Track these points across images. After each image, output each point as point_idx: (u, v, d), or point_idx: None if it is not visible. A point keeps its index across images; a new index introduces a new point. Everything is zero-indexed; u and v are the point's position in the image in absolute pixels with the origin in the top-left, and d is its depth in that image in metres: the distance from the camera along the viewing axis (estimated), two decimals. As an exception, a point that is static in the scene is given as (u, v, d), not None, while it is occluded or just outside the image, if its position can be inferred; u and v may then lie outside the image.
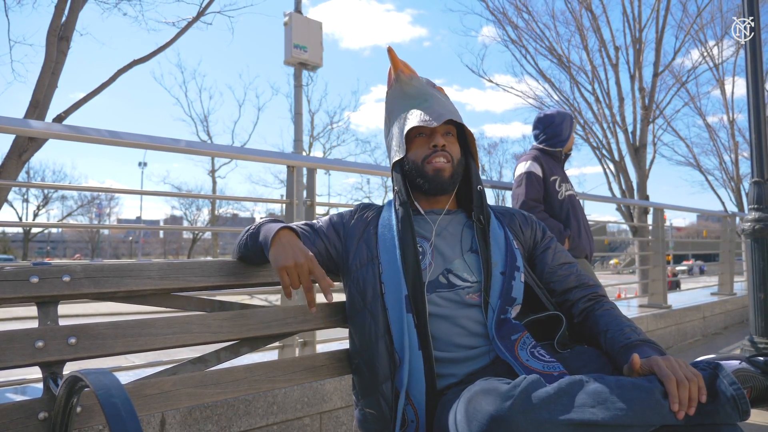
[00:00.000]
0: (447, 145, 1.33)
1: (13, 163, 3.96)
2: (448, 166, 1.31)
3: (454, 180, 1.34)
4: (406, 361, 1.16)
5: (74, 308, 8.56)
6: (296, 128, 9.28)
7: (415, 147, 1.34)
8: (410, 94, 1.37)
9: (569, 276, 1.34)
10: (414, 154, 1.34)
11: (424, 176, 1.32)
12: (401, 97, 1.39)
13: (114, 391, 0.78)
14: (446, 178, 1.31)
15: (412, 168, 1.34)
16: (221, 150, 2.45)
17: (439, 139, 1.32)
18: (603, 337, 1.19)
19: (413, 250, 1.23)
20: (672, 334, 4.39)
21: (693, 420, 0.89)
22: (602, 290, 1.35)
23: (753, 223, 3.12)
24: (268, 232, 1.20)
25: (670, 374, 0.91)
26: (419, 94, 1.37)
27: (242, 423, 1.76)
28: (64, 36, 4.59)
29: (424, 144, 1.33)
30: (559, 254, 1.38)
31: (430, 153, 1.31)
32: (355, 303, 1.28)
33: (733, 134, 18.73)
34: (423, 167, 1.32)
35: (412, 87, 1.37)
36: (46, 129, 1.86)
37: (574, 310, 1.31)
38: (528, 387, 0.86)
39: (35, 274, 1.08)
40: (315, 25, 8.64)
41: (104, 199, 38.30)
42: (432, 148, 1.32)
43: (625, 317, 1.24)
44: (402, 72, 1.37)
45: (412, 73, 1.39)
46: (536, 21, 12.86)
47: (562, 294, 1.33)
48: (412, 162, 1.34)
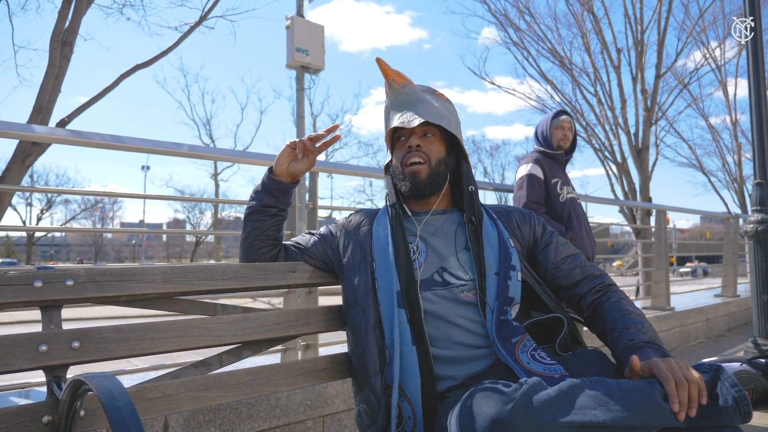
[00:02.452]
0: (424, 145, 1.35)
1: (16, 168, 3.97)
2: (424, 167, 1.33)
3: (432, 180, 1.34)
4: (397, 356, 1.16)
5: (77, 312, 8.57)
6: (298, 131, 9.31)
7: (396, 150, 1.39)
8: (402, 101, 1.39)
9: (574, 269, 1.34)
10: (395, 157, 1.39)
11: (404, 178, 1.35)
12: (393, 105, 1.41)
13: (117, 394, 0.78)
14: (422, 179, 1.33)
15: (395, 170, 1.38)
16: (224, 153, 2.47)
17: (413, 140, 1.35)
18: (609, 336, 1.20)
19: (405, 248, 1.26)
20: (675, 336, 4.38)
21: (694, 422, 0.88)
22: (609, 279, 1.34)
23: (756, 225, 3.11)
24: (262, 177, 1.40)
25: (669, 376, 0.91)
26: (410, 100, 1.39)
27: (245, 426, 1.76)
28: (67, 41, 4.61)
29: (403, 146, 1.37)
30: (562, 248, 1.38)
31: (406, 153, 1.35)
32: (348, 299, 1.31)
33: (735, 135, 18.68)
34: (402, 169, 1.36)
35: (404, 94, 1.39)
36: (50, 134, 1.88)
37: (583, 303, 1.31)
38: (529, 389, 0.87)
39: (39, 278, 1.09)
40: (317, 28, 8.66)
41: (107, 203, 38.44)
42: (407, 148, 1.35)
43: (632, 310, 1.23)
44: (394, 81, 1.39)
45: (405, 81, 1.40)
46: (538, 23, 12.87)
47: (568, 288, 1.33)
48: (394, 165, 1.39)
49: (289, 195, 1.41)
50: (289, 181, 1.40)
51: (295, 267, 1.42)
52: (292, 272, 1.41)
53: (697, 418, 0.88)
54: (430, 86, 1.45)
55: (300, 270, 1.43)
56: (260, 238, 1.39)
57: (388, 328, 1.20)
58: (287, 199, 1.41)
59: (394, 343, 1.18)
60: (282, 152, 1.39)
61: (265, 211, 1.38)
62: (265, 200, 1.38)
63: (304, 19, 8.70)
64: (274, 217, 1.39)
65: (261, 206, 1.38)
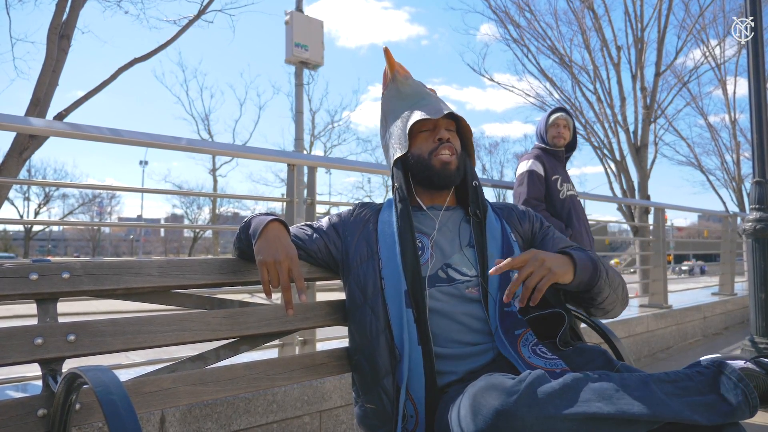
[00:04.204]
0: (450, 138, 1.35)
1: (13, 161, 3.96)
2: (454, 159, 1.34)
3: (460, 172, 1.36)
4: (406, 356, 1.16)
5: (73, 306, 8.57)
6: (297, 127, 9.29)
7: (419, 142, 1.36)
8: (407, 94, 1.38)
9: None
10: (418, 149, 1.35)
11: (431, 169, 1.33)
12: (398, 97, 1.40)
13: (113, 388, 0.78)
14: (453, 170, 1.33)
15: (418, 162, 1.35)
16: (222, 148, 2.46)
17: (444, 132, 1.34)
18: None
19: (412, 246, 1.25)
20: (672, 334, 4.39)
21: (699, 418, 0.86)
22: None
23: (754, 223, 3.11)
24: (258, 224, 1.21)
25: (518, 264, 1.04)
26: (416, 93, 1.38)
27: (242, 421, 1.76)
28: (65, 34, 4.59)
29: (429, 138, 1.35)
30: (558, 240, 1.39)
31: (436, 146, 1.33)
32: (356, 299, 1.28)
33: (734, 134, 18.70)
34: (430, 161, 1.33)
35: (408, 87, 1.39)
36: (47, 126, 1.86)
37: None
38: (533, 382, 0.86)
39: (35, 271, 1.08)
40: (316, 23, 8.63)
41: (105, 198, 38.33)
42: (437, 141, 1.33)
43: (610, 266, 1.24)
44: (398, 72, 1.38)
45: (407, 74, 1.40)
46: (538, 20, 12.84)
47: None
48: (417, 156, 1.35)
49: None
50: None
51: (293, 262, 1.41)
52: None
53: (704, 413, 0.86)
54: (421, 81, 1.45)
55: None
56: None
57: (398, 328, 1.19)
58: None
59: (404, 343, 1.17)
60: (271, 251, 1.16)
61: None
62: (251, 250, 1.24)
63: (304, 14, 8.67)
64: None
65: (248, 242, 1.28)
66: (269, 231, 1.18)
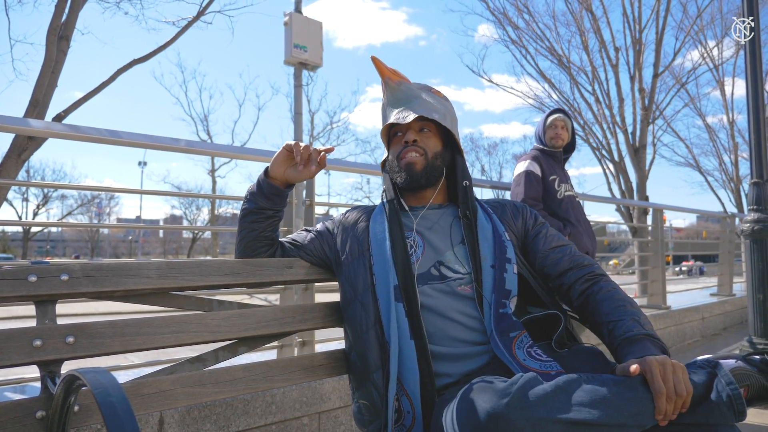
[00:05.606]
0: (420, 140, 1.36)
1: (12, 162, 3.95)
2: (420, 159, 1.35)
3: (428, 172, 1.36)
4: (395, 350, 1.17)
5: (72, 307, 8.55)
6: (296, 128, 9.28)
7: (393, 145, 1.42)
8: (398, 98, 1.40)
9: (562, 258, 1.33)
10: (392, 152, 1.41)
11: (400, 170, 1.37)
12: (390, 102, 1.42)
13: (111, 390, 0.78)
14: (418, 170, 1.35)
15: (391, 165, 1.40)
16: (221, 149, 2.46)
17: (410, 134, 1.36)
18: (604, 328, 1.17)
19: (402, 243, 1.27)
20: (671, 335, 4.40)
21: (687, 419, 0.89)
22: (599, 269, 1.31)
23: (752, 224, 3.12)
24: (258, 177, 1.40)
25: (661, 388, 0.88)
26: (406, 97, 1.40)
27: (241, 422, 1.76)
28: (64, 35, 4.59)
29: (399, 141, 1.39)
30: (551, 238, 1.38)
31: (402, 148, 1.37)
32: (347, 295, 1.31)
33: (732, 135, 18.73)
34: (399, 163, 1.37)
35: (400, 92, 1.40)
36: (46, 128, 1.87)
37: (572, 293, 1.28)
38: (525, 384, 0.86)
39: (33, 273, 1.08)
40: (315, 24, 8.63)
41: (104, 199, 38.29)
42: (404, 144, 1.37)
43: (627, 301, 1.20)
44: (390, 79, 1.39)
45: (401, 79, 1.41)
46: (537, 22, 12.88)
47: (557, 278, 1.32)
48: (391, 160, 1.41)
49: (285, 197, 1.40)
50: (284, 186, 1.39)
51: (291, 263, 1.41)
52: (289, 268, 1.41)
53: (690, 415, 0.88)
54: (426, 84, 1.45)
55: (296, 266, 1.42)
56: (257, 239, 1.38)
57: (387, 322, 1.20)
58: (283, 201, 1.40)
59: (392, 337, 1.18)
60: (279, 155, 1.36)
61: (260, 213, 1.37)
62: (261, 203, 1.37)
63: (303, 15, 8.67)
64: (269, 219, 1.38)
65: (256, 208, 1.37)
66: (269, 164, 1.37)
